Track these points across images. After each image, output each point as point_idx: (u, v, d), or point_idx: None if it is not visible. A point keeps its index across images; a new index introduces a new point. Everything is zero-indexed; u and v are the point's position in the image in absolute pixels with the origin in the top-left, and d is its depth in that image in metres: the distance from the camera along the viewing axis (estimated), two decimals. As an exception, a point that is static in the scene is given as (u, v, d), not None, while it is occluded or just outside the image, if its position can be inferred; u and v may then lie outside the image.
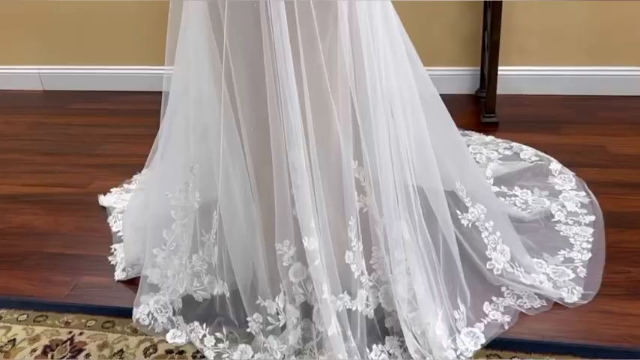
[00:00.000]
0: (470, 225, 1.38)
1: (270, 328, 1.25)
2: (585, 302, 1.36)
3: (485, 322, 1.31)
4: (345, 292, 1.20)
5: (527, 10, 2.38)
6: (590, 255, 1.50)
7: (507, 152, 2.05)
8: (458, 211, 1.38)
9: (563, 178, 1.85)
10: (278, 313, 1.23)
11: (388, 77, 1.22)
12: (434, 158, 1.33)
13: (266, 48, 1.07)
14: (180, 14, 1.28)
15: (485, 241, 1.38)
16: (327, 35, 1.09)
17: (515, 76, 2.48)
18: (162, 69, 2.70)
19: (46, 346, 1.34)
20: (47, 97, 2.86)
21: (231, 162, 1.20)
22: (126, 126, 2.48)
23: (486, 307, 1.34)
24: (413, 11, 2.46)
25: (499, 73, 2.26)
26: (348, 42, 1.10)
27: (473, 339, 1.26)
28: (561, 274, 1.43)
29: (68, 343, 1.34)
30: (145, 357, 1.29)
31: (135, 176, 2.04)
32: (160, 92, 2.76)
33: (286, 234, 1.18)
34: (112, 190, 1.97)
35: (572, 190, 1.79)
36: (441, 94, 2.61)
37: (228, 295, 1.31)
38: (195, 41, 1.25)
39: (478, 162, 1.98)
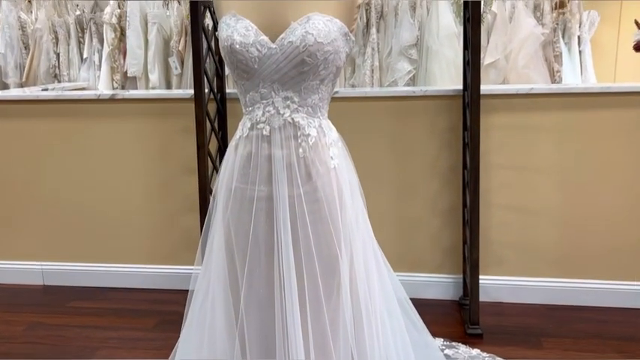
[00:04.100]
0: None
1: None
2: None
3: None
4: None
5: (502, 227, 2.63)
6: None
7: (494, 368, 2.14)
8: None
9: (549, 401, 1.92)
10: None
11: (384, 326, 1.36)
12: None
13: (277, 309, 1.22)
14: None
15: None
16: (332, 298, 1.25)
17: (496, 286, 2.65)
18: (161, 268, 2.86)
19: None
20: (47, 292, 2.94)
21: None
22: (123, 328, 2.54)
23: None
24: (398, 223, 2.70)
25: (480, 282, 2.44)
26: (350, 305, 1.26)
27: None
28: None
29: None
30: None
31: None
32: (160, 290, 2.90)
33: None
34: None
35: (557, 414, 1.86)
36: (425, 299, 2.78)
37: None
38: (215, 282, 1.39)
39: (466, 378, 2.06)
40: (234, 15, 1.27)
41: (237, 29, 1.24)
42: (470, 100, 2.35)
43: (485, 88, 2.43)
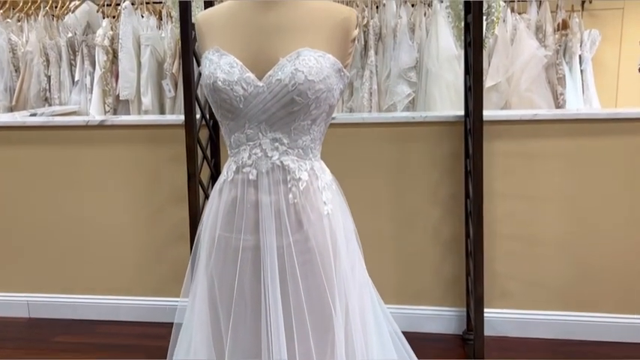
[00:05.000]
0: None
1: None
2: None
3: None
4: None
5: (507, 257, 2.52)
6: None
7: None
8: None
9: None
10: None
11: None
12: None
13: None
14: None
15: None
16: (325, 359, 1.14)
17: (501, 320, 2.54)
18: (150, 300, 2.76)
19: None
20: (32, 326, 2.82)
21: None
22: (110, 367, 2.43)
23: None
24: (398, 254, 2.59)
25: (485, 315, 2.32)
26: (345, 362, 1.15)
27: None
28: None
29: None
30: None
31: None
32: (149, 323, 2.79)
33: None
34: None
35: None
36: (427, 334, 2.67)
37: None
38: (197, 337, 1.28)
39: None
40: (217, 50, 1.17)
41: (220, 66, 1.14)
42: (472, 127, 2.25)
43: (487, 114, 2.33)
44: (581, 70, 3.58)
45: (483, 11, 2.11)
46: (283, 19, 1.15)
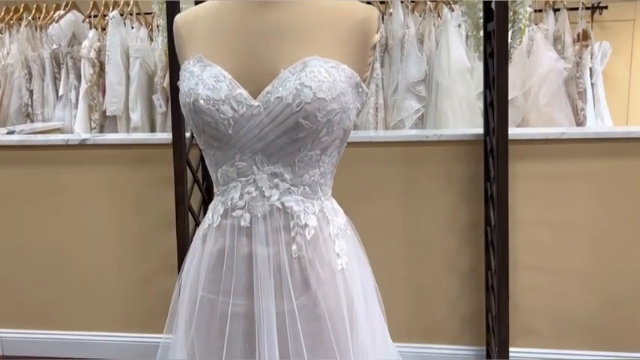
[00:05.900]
0: None
1: None
2: None
3: None
4: None
5: (531, 291, 2.29)
6: None
7: None
8: None
9: None
10: None
11: None
12: None
13: None
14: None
15: None
16: None
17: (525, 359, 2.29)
18: (136, 336, 2.52)
19: None
20: (5, 365, 2.57)
21: None
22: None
23: None
24: (410, 287, 2.36)
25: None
26: None
27: None
28: None
29: None
30: None
31: None
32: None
33: None
34: None
35: None
36: (443, 377, 2.40)
37: None
38: None
39: None
40: (199, 60, 0.93)
41: (203, 79, 0.89)
42: (495, 147, 2.02)
43: (509, 132, 2.10)
44: (592, 84, 3.38)
45: (508, 18, 1.89)
46: (285, 19, 0.91)
